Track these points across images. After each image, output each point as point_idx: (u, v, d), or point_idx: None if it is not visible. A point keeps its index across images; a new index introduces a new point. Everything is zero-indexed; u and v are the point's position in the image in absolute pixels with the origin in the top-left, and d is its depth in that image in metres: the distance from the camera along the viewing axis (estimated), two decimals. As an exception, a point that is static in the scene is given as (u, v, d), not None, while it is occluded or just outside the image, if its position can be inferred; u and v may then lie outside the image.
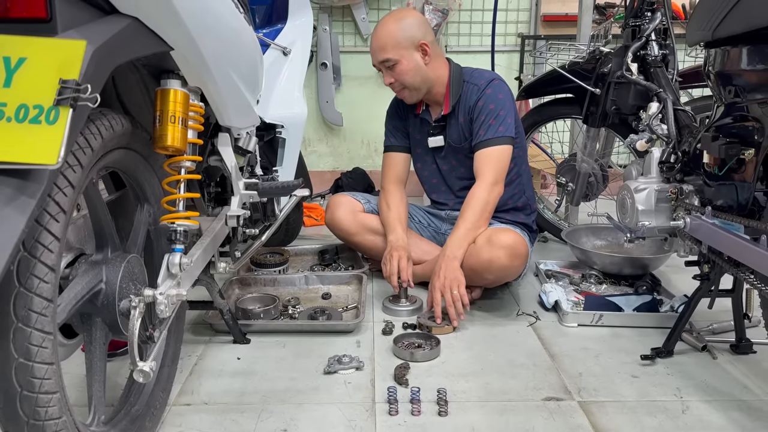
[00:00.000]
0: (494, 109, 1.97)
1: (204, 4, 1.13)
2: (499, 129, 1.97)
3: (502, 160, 1.97)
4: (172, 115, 1.14)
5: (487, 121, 1.97)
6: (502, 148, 1.98)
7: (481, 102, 1.99)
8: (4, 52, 0.82)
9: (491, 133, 1.97)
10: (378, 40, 1.97)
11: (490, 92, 2.00)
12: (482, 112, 1.99)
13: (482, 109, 1.99)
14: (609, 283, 2.15)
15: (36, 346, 0.88)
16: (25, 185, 0.81)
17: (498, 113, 1.97)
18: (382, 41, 1.96)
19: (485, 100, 1.99)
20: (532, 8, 3.51)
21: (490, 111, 1.98)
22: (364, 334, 1.80)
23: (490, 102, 1.98)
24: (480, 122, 1.99)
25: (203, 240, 1.41)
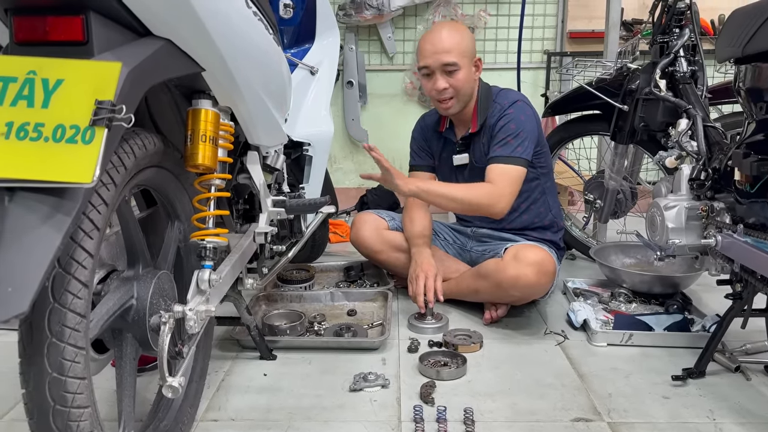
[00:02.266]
0: (515, 129, 1.95)
1: (235, 26, 1.15)
2: (517, 149, 1.93)
3: (517, 181, 1.93)
4: (203, 134, 1.16)
5: (506, 139, 1.94)
6: (518, 168, 1.93)
7: (503, 121, 1.98)
8: (43, 74, 0.85)
9: (508, 151, 1.93)
10: (443, 43, 1.93)
11: (512, 113, 1.98)
12: (502, 130, 1.96)
13: (503, 127, 1.97)
14: (639, 302, 2.11)
15: (69, 361, 0.90)
16: (61, 203, 0.83)
17: (518, 134, 1.94)
18: (449, 45, 1.93)
19: (506, 119, 1.97)
20: (557, 25, 3.51)
21: (511, 131, 1.95)
22: (390, 352, 1.80)
23: (512, 122, 1.96)
24: (497, 140, 1.96)
25: (232, 256, 1.42)
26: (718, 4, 3.31)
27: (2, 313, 0.78)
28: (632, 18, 3.31)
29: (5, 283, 0.79)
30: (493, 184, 1.91)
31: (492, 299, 1.97)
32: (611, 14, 2.65)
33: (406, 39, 3.54)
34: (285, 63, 1.56)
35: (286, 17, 2.02)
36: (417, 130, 2.26)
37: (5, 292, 0.78)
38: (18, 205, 0.82)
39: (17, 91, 0.84)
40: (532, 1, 3.43)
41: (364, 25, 3.45)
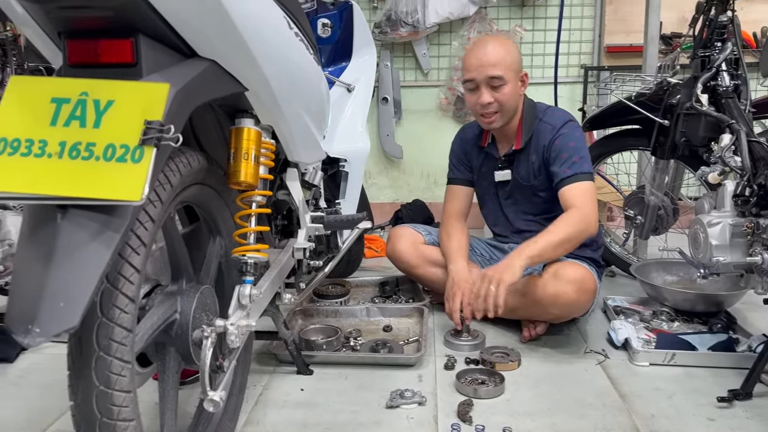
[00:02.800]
0: (575, 147, 1.93)
1: (278, 47, 1.18)
2: (584, 166, 1.92)
3: (594, 198, 1.91)
4: (246, 152, 1.18)
5: (571, 159, 1.92)
6: (590, 183, 1.91)
7: (559, 141, 1.95)
8: (95, 95, 0.88)
9: (576, 168, 1.91)
10: (489, 57, 1.92)
11: (567, 132, 1.95)
12: (563, 150, 1.93)
13: (562, 147, 1.94)
14: (681, 321, 2.07)
15: (116, 375, 0.92)
16: (110, 220, 0.85)
17: (580, 152, 1.93)
18: (495, 58, 1.92)
19: (564, 139, 1.94)
20: (594, 39, 3.48)
21: (572, 149, 1.92)
22: (426, 368, 1.79)
23: (570, 141, 1.94)
24: (562, 160, 1.93)
25: (271, 272, 1.44)
26: (760, 17, 3.25)
27: (54, 327, 0.80)
28: (671, 32, 3.27)
29: (57, 298, 0.81)
30: (577, 207, 1.87)
31: (530, 317, 1.95)
32: (650, 28, 2.63)
33: (441, 55, 3.55)
34: (324, 82, 1.59)
35: (324, 36, 2.05)
36: (456, 143, 2.25)
37: (57, 306, 0.81)
38: (70, 222, 0.84)
39: (70, 112, 0.87)
40: (569, 16, 3.41)
41: (399, 42, 3.48)
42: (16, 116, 0.88)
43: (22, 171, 0.85)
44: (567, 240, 1.86)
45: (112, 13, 0.89)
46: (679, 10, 3.23)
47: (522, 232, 2.12)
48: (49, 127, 0.87)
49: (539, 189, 2.04)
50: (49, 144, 0.86)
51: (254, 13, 1.07)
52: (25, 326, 0.80)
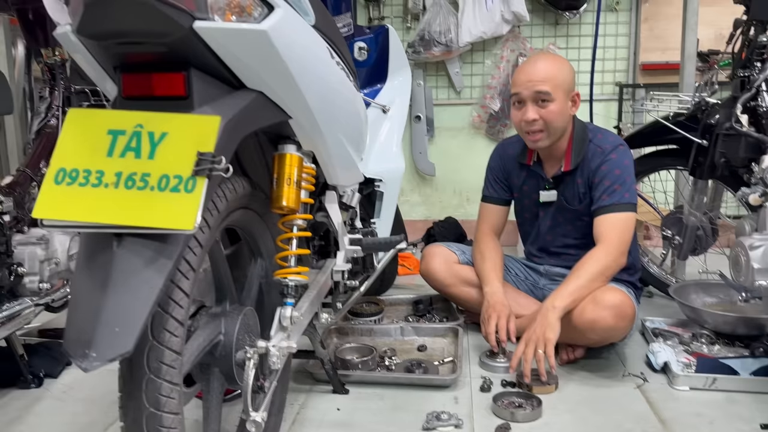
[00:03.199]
0: (620, 175, 1.89)
1: (321, 77, 1.21)
2: (625, 195, 1.88)
3: (628, 228, 1.88)
4: (288, 178, 1.22)
5: (613, 186, 1.89)
6: (628, 215, 1.88)
7: (605, 167, 1.91)
8: (149, 127, 0.92)
9: (616, 198, 1.88)
10: (539, 72, 1.89)
11: (615, 157, 1.92)
12: (607, 176, 1.90)
13: (607, 173, 1.91)
14: (722, 344, 2.03)
15: (165, 397, 0.95)
16: (163, 248, 0.88)
17: (624, 180, 1.89)
18: (544, 74, 1.88)
19: (610, 165, 1.91)
20: (629, 57, 3.46)
21: (616, 177, 1.89)
22: (462, 390, 1.79)
23: (616, 167, 1.90)
24: (604, 187, 1.90)
25: (310, 293, 1.46)
26: (801, 33, 3.19)
27: (110, 352, 0.83)
28: (708, 49, 3.23)
29: (113, 323, 0.84)
30: (604, 241, 1.86)
31: (568, 341, 1.93)
32: (687, 46, 2.61)
33: (473, 73, 3.57)
34: (363, 106, 1.61)
35: (361, 59, 2.09)
36: (495, 159, 2.20)
37: (113, 331, 0.84)
38: (125, 250, 0.88)
39: (126, 143, 0.91)
40: (603, 34, 3.40)
41: (432, 61, 3.51)
42: (74, 148, 0.92)
43: (80, 200, 0.89)
44: (595, 278, 1.83)
45: (166, 48, 0.93)
46: (716, 27, 3.20)
47: (559, 255, 2.11)
48: (106, 158, 0.91)
49: (583, 214, 2.01)
50: (105, 174, 0.90)
51: (301, 46, 1.10)
52: (82, 350, 0.83)
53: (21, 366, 1.84)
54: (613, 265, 1.85)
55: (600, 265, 1.83)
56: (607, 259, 1.84)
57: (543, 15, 3.46)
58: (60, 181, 0.90)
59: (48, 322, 2.26)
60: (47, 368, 1.91)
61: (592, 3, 3.34)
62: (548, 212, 2.10)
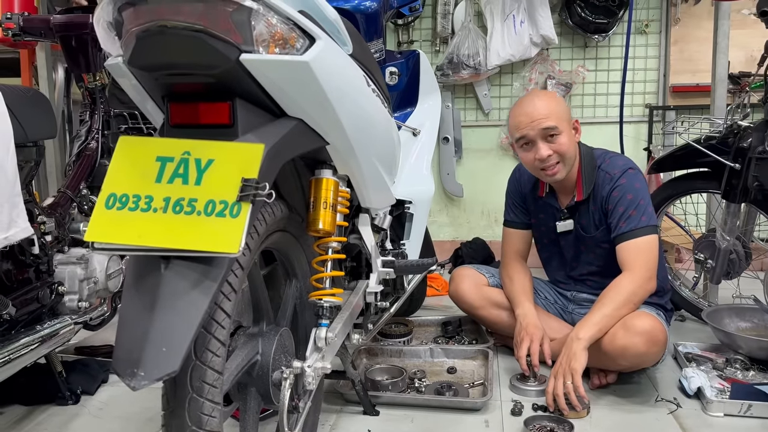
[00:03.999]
0: (633, 199, 1.89)
1: (358, 105, 1.25)
2: (642, 219, 1.87)
3: (652, 252, 1.86)
4: (324, 201, 1.25)
5: (627, 212, 1.88)
6: (649, 238, 1.87)
7: (617, 192, 1.91)
8: (196, 154, 0.96)
9: (634, 223, 1.87)
10: (540, 110, 1.90)
11: (625, 182, 1.91)
12: (620, 203, 1.90)
13: (619, 200, 1.90)
14: (756, 370, 1.99)
15: (207, 416, 0.97)
16: (209, 270, 0.92)
17: (638, 203, 1.88)
18: (546, 110, 1.89)
19: (621, 190, 1.91)
20: (659, 79, 3.46)
21: (629, 201, 1.89)
22: (493, 414, 1.78)
23: (628, 192, 1.90)
24: (619, 214, 1.89)
25: (343, 314, 1.48)
26: (834, 55, 3.16)
27: (157, 372, 0.86)
28: (739, 71, 3.22)
29: (160, 344, 0.87)
30: (630, 270, 1.85)
31: (599, 366, 1.91)
32: (718, 69, 2.61)
33: (501, 96, 3.59)
34: (396, 131, 1.65)
35: (392, 83, 2.12)
36: (512, 183, 2.22)
37: (160, 351, 0.87)
38: (172, 272, 0.91)
39: (174, 170, 0.95)
40: (633, 56, 3.40)
41: (461, 84, 3.54)
42: (124, 174, 0.96)
43: (130, 224, 0.92)
44: (621, 306, 1.82)
45: (213, 79, 0.98)
46: (747, 49, 3.19)
47: (584, 282, 2.10)
48: (155, 183, 0.95)
49: (602, 241, 2.00)
50: (154, 199, 0.94)
51: (340, 76, 1.14)
52: (130, 370, 0.86)
53: (59, 383, 1.89)
54: (640, 292, 1.84)
55: (626, 293, 1.82)
56: (632, 286, 1.82)
57: (572, 38, 3.48)
58: (111, 205, 0.94)
59: (85, 340, 2.32)
60: (84, 385, 1.96)
61: (621, 26, 3.35)
62: (569, 241, 2.10)
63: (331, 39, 1.10)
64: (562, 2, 3.36)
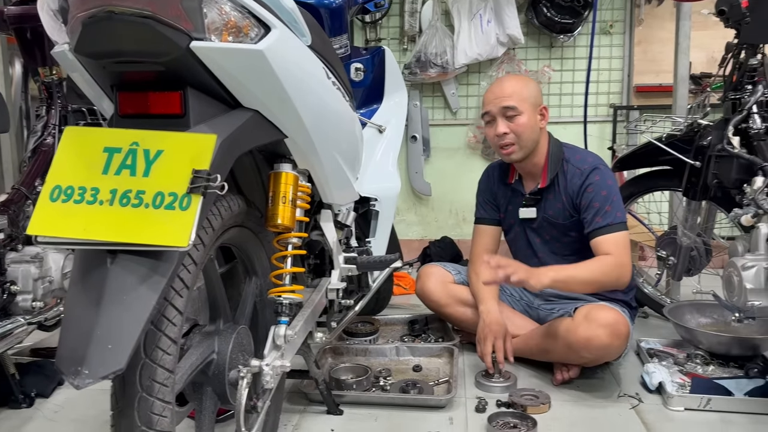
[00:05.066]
0: (607, 195, 1.93)
1: (317, 97, 1.22)
2: (617, 215, 1.92)
3: (628, 246, 1.91)
4: (283, 196, 1.22)
5: (603, 208, 1.92)
6: (625, 234, 1.92)
7: (591, 189, 1.95)
8: (145, 145, 0.93)
9: (610, 219, 1.91)
10: (504, 89, 1.99)
11: (598, 179, 1.95)
12: (595, 198, 1.94)
13: (594, 196, 1.94)
14: (716, 365, 2.02)
15: (157, 415, 0.94)
16: (157, 265, 0.89)
17: (612, 200, 1.93)
18: (509, 91, 1.98)
19: (595, 187, 1.94)
20: (623, 79, 3.50)
21: (603, 198, 1.93)
22: (457, 411, 1.78)
23: (601, 189, 1.94)
24: (594, 210, 1.93)
25: (304, 312, 1.46)
26: (791, 57, 3.24)
27: (102, 369, 0.83)
28: (701, 72, 3.27)
29: (106, 341, 0.84)
30: (613, 255, 1.88)
31: (562, 360, 1.93)
32: (679, 69, 2.65)
33: (469, 95, 3.60)
34: (359, 126, 1.63)
35: (357, 80, 2.10)
36: (483, 182, 2.26)
37: (105, 349, 0.84)
38: (119, 267, 0.88)
39: (121, 161, 0.92)
40: (597, 56, 3.44)
41: (429, 82, 3.54)
42: (70, 165, 0.93)
43: (75, 217, 0.89)
44: (595, 281, 1.87)
45: (163, 67, 0.95)
46: (708, 50, 3.24)
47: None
48: (101, 175, 0.91)
49: (570, 229, 2.03)
50: (101, 192, 0.90)
51: (297, 66, 1.12)
52: (74, 368, 0.83)
53: (12, 385, 1.82)
54: (617, 282, 1.88)
55: (607, 275, 1.86)
56: (614, 272, 1.87)
57: (538, 38, 3.50)
58: (55, 198, 0.90)
59: (40, 341, 2.25)
60: (39, 388, 1.90)
61: (587, 26, 3.38)
62: (532, 229, 2.12)
63: (287, 29, 1.08)
64: (528, 2, 3.38)
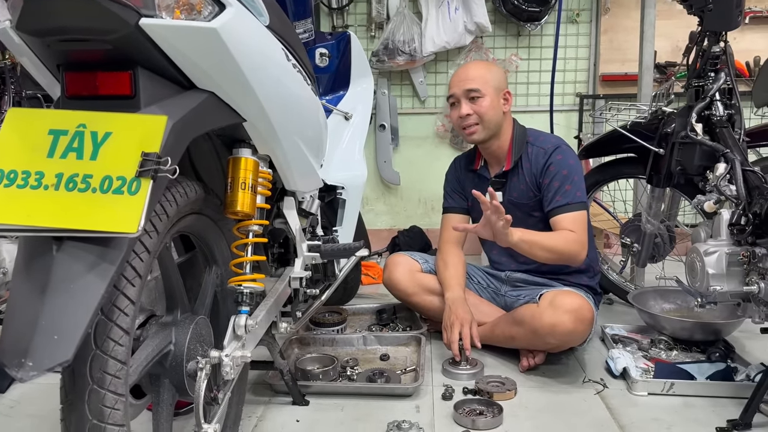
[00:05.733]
0: (568, 174, 1.96)
1: (276, 79, 1.19)
2: (577, 194, 1.95)
3: (585, 225, 1.97)
4: (243, 182, 1.19)
5: (563, 186, 1.95)
6: (583, 213, 1.96)
7: (553, 167, 1.98)
8: (92, 127, 0.89)
9: (569, 198, 1.95)
10: (467, 73, 2.05)
11: (561, 158, 1.98)
12: (556, 177, 1.97)
13: (555, 174, 1.97)
14: (679, 350, 2.05)
15: (109, 408, 0.91)
16: (106, 252, 0.85)
17: (573, 179, 1.96)
18: (473, 74, 2.03)
19: (557, 165, 1.98)
20: (590, 68, 3.52)
21: (564, 177, 1.96)
22: (424, 399, 1.77)
23: (563, 168, 1.97)
24: (555, 188, 1.96)
25: (267, 301, 1.43)
26: (752, 46, 3.29)
27: (47, 361, 0.79)
28: (665, 61, 3.31)
29: (51, 331, 0.80)
30: (575, 232, 1.93)
31: (528, 346, 1.94)
32: (644, 57, 2.66)
33: (438, 83, 3.58)
34: (322, 111, 1.59)
35: (322, 66, 2.07)
36: (451, 172, 2.27)
37: (51, 339, 0.80)
38: (65, 254, 0.84)
39: (67, 144, 0.88)
40: (564, 45, 3.45)
41: (397, 71, 3.51)
42: (13, 148, 0.88)
43: (18, 203, 0.85)
44: (556, 250, 1.91)
45: (110, 46, 0.90)
46: (673, 39, 3.28)
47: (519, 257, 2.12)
48: (46, 159, 0.87)
49: (534, 209, 2.05)
50: (46, 176, 0.86)
51: (254, 47, 1.08)
52: (18, 360, 0.79)
53: (-35, 381, 1.76)
54: (575, 257, 1.92)
55: (568, 247, 1.91)
56: (574, 247, 1.92)
57: (505, 26, 3.50)
58: (-3, 183, 0.86)
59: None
60: (-7, 383, 1.84)
61: (554, 15, 3.39)
62: None
63: (243, 7, 1.04)
64: (496, -10, 3.37)
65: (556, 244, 1.91)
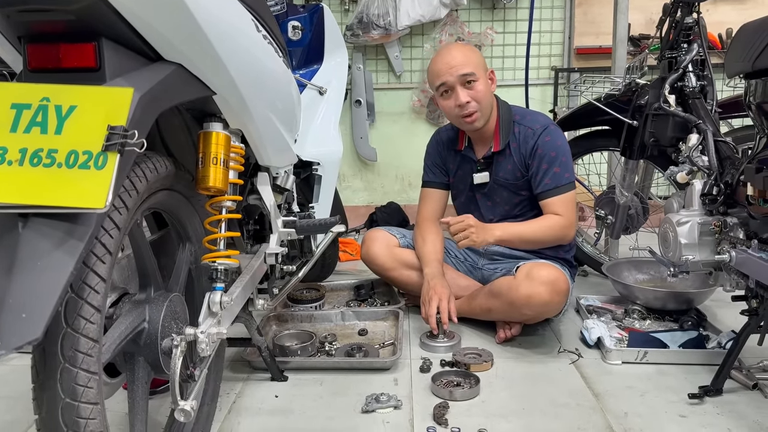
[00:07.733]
0: (556, 156, 1.96)
1: (246, 50, 1.16)
2: (565, 176, 1.96)
3: (574, 204, 1.99)
4: (215, 157, 1.17)
5: (551, 169, 1.95)
6: (572, 194, 1.98)
7: (541, 150, 1.97)
8: (56, 100, 0.86)
9: (558, 180, 1.95)
10: (457, 58, 1.94)
11: (549, 139, 1.97)
12: (544, 159, 1.96)
13: (544, 156, 1.96)
14: (653, 319, 2.09)
15: (82, 386, 0.90)
16: (73, 228, 0.83)
17: (561, 160, 1.96)
18: (462, 59, 1.94)
19: (545, 147, 1.96)
20: (564, 41, 3.52)
21: (552, 158, 1.95)
22: (402, 372, 1.78)
23: (551, 149, 1.96)
24: (543, 170, 1.96)
25: (242, 278, 1.42)
26: (724, 18, 3.32)
27: (16, 339, 0.78)
28: (639, 33, 3.32)
29: (19, 309, 0.79)
30: (561, 215, 1.96)
31: (505, 318, 1.96)
32: (618, 30, 2.67)
33: (413, 57, 3.56)
34: (294, 85, 1.57)
35: (295, 39, 2.04)
36: (432, 146, 2.23)
37: (19, 318, 0.78)
38: (31, 231, 0.82)
39: (31, 118, 0.85)
40: (539, 18, 3.45)
41: (372, 45, 3.48)
42: (-26, 123, 0.85)
43: (-20, 179, 0.82)
44: (540, 240, 1.95)
45: (73, 16, 0.87)
46: (646, 12, 3.29)
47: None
48: (9, 133, 0.84)
49: (521, 189, 2.05)
50: (9, 151, 0.83)
51: (221, 16, 1.05)
52: (-15, 339, 0.77)
53: (-64, 364, 1.73)
54: (562, 240, 1.98)
55: (553, 233, 1.96)
56: (560, 232, 1.96)
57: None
58: (-42, 159, 0.83)
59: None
60: (-35, 366, 1.81)
61: (529, -12, 3.37)
62: (482, 193, 2.13)
63: (210, -24, 1.01)
64: (471, -38, 3.35)
65: (537, 234, 1.95)
